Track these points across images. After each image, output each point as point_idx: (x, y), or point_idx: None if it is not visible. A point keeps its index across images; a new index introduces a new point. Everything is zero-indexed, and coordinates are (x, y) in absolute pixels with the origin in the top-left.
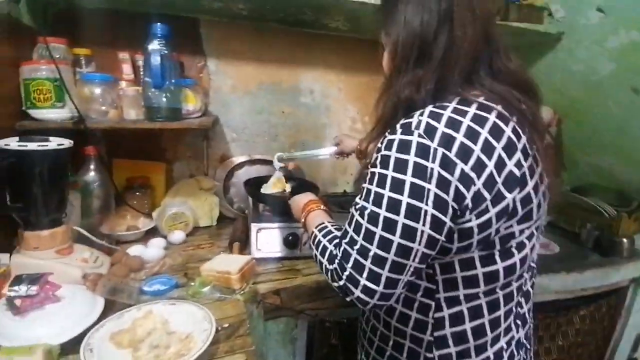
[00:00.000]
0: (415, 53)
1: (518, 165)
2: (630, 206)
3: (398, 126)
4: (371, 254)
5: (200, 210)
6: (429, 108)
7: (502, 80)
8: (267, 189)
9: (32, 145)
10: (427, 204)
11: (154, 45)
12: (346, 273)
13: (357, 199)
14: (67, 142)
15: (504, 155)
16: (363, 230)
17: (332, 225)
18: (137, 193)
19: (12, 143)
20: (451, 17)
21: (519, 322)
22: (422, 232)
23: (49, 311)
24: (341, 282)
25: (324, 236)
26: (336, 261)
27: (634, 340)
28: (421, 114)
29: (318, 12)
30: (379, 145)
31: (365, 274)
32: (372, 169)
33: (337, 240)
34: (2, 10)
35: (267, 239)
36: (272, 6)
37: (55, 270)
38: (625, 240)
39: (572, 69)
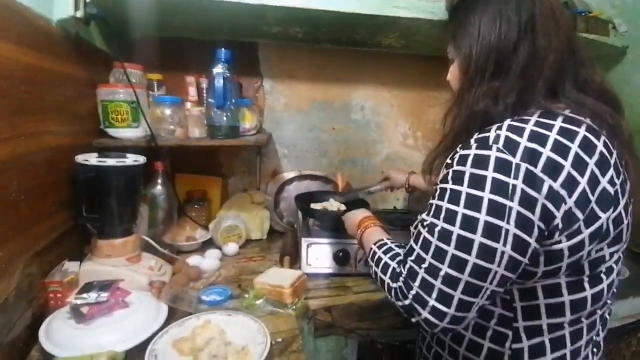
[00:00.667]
0: (491, 65)
1: (611, 182)
2: None
3: (472, 141)
4: (442, 273)
5: (252, 223)
6: (508, 122)
7: (588, 92)
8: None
9: (110, 161)
10: (508, 223)
11: (218, 69)
12: (412, 292)
13: (423, 216)
14: (141, 159)
15: (597, 171)
16: (432, 248)
17: (392, 243)
18: (196, 206)
19: (92, 159)
20: (533, 27)
21: (595, 349)
22: (503, 252)
23: (117, 317)
24: (407, 302)
25: (385, 253)
26: (401, 279)
27: None
28: (499, 128)
29: (373, 31)
30: (448, 161)
31: (434, 295)
32: (443, 185)
33: (400, 258)
34: (70, 29)
35: (318, 254)
36: (327, 29)
37: (125, 277)
38: None
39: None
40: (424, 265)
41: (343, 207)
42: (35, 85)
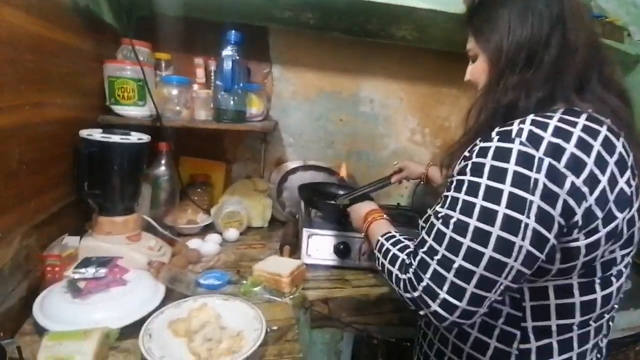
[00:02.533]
0: (523, 58)
1: (628, 183)
2: None
3: (494, 134)
4: (455, 265)
5: (253, 210)
6: (531, 117)
7: (611, 90)
8: None
9: (115, 138)
10: (528, 217)
11: (227, 51)
12: (423, 284)
13: (437, 208)
14: (146, 137)
15: (616, 171)
16: (447, 240)
17: (400, 235)
18: (199, 190)
19: (96, 134)
20: (564, 21)
21: (599, 355)
22: (521, 247)
23: (113, 294)
24: (416, 293)
25: (394, 245)
26: (411, 270)
27: None
28: (522, 122)
29: (386, 21)
30: (466, 153)
31: (446, 287)
32: (460, 177)
33: (410, 249)
34: (79, 0)
35: (318, 246)
36: (339, 16)
37: (124, 255)
38: None
39: None
40: (436, 257)
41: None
42: (42, 54)
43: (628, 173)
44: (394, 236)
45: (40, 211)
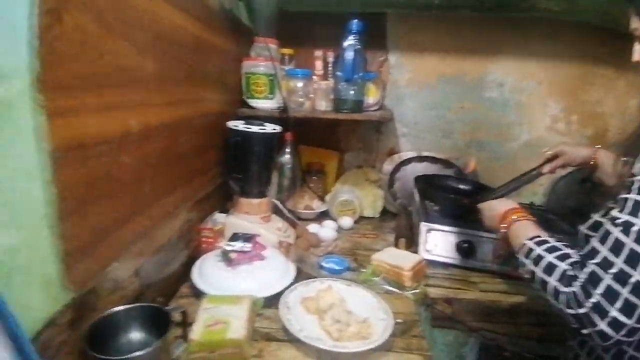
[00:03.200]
0: None
1: None
2: None
3: None
4: (632, 280)
5: (365, 200)
6: None
7: None
8: None
9: (254, 128)
10: None
11: (349, 41)
12: (592, 300)
13: (615, 213)
14: (279, 128)
15: None
16: (626, 251)
17: (555, 241)
18: (314, 177)
19: (240, 125)
20: None
21: None
22: None
23: (256, 267)
24: (582, 310)
25: (549, 251)
26: (577, 284)
27: None
28: None
29: None
30: None
31: (619, 304)
32: None
33: (574, 259)
34: (226, 4)
35: (437, 242)
36: None
37: (260, 233)
38: None
39: None
40: (611, 271)
41: None
42: (201, 55)
43: None
44: (548, 241)
45: (200, 190)
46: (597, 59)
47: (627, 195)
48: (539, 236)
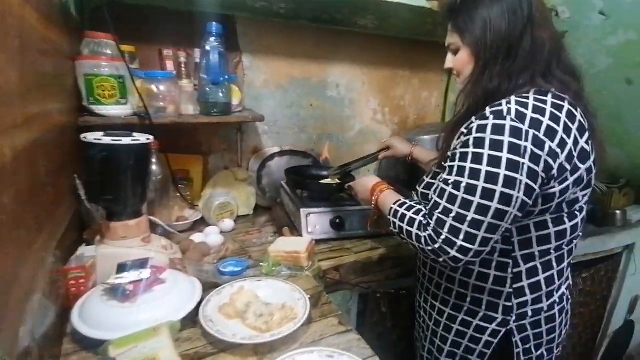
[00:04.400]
0: (503, 51)
1: (587, 142)
2: (619, 184)
3: (488, 113)
4: (468, 218)
5: (239, 200)
6: (514, 98)
7: (566, 71)
8: None
9: (125, 140)
10: (522, 175)
11: (212, 43)
12: (442, 237)
13: (445, 176)
14: (151, 137)
15: (577, 134)
16: (459, 200)
17: (411, 201)
18: (180, 185)
19: (104, 138)
20: (532, 19)
21: (571, 272)
22: (517, 198)
23: (159, 293)
24: (436, 245)
25: (408, 210)
26: (429, 228)
27: (630, 303)
28: (508, 103)
29: (354, 11)
30: (463, 130)
31: (462, 236)
32: (463, 150)
33: (425, 212)
34: None
35: (316, 222)
36: (312, 6)
37: (150, 256)
38: (618, 212)
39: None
40: (451, 215)
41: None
42: (44, 56)
43: (587, 134)
44: (406, 202)
45: (61, 224)
46: (400, 63)
47: (452, 163)
48: (399, 200)
